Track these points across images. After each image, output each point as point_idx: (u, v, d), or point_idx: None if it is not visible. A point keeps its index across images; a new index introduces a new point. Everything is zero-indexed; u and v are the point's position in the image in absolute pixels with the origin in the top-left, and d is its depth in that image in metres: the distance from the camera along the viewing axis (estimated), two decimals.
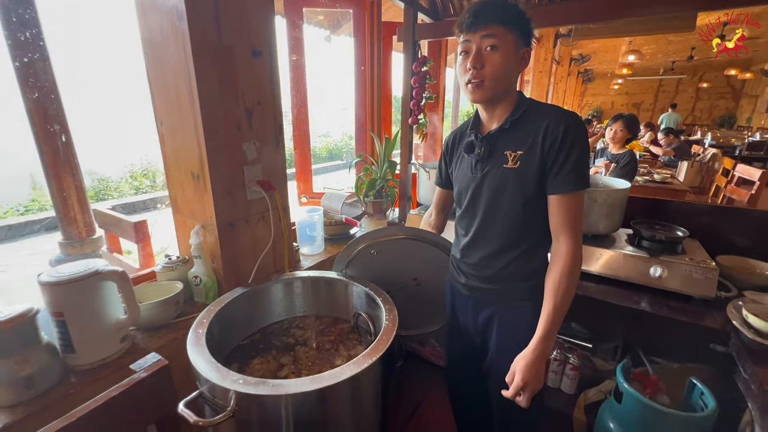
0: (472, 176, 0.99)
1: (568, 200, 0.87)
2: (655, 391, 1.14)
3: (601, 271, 1.37)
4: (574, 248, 0.88)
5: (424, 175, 1.84)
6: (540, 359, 0.87)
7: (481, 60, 0.88)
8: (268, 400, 0.74)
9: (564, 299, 0.87)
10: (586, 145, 0.87)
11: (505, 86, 0.91)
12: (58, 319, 0.84)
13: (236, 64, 1.09)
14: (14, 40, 1.08)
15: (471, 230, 1.03)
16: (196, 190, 1.13)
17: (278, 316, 1.25)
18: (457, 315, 1.14)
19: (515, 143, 0.92)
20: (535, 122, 0.89)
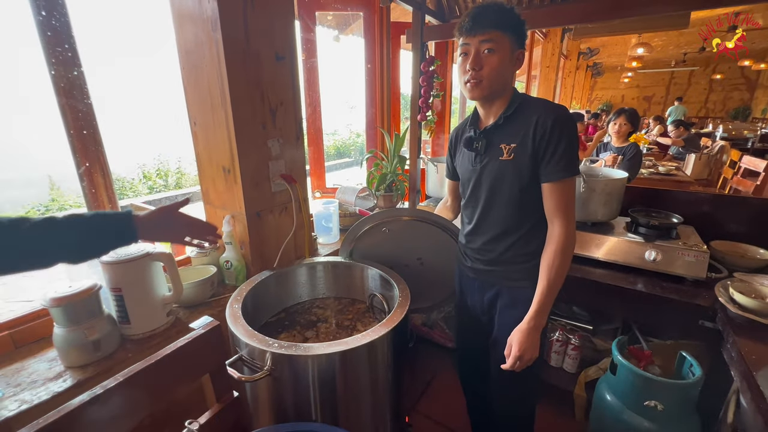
0: (473, 168, 1.08)
1: (560, 187, 0.96)
2: (648, 364, 1.23)
3: (601, 256, 1.46)
4: (567, 229, 0.96)
5: (432, 168, 1.94)
6: (534, 331, 0.96)
7: (480, 62, 0.96)
8: (298, 360, 0.86)
9: (557, 276, 0.96)
10: (574, 136, 0.95)
11: (501, 85, 0.99)
12: (116, 294, 0.97)
13: (262, 68, 1.21)
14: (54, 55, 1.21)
15: (474, 218, 1.12)
16: (227, 183, 1.25)
17: (301, 297, 1.37)
18: (465, 296, 1.23)
19: (509, 137, 1.00)
20: (526, 117, 0.97)
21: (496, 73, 0.96)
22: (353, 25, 3.53)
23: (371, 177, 2.29)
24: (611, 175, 1.59)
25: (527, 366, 0.98)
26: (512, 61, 0.98)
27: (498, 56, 0.95)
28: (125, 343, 1.00)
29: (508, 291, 1.10)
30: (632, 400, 1.14)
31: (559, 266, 0.95)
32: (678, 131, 4.79)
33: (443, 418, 1.66)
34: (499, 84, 0.98)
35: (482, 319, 1.19)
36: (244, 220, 1.26)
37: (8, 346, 0.97)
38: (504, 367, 0.98)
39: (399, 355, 1.07)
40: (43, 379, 0.87)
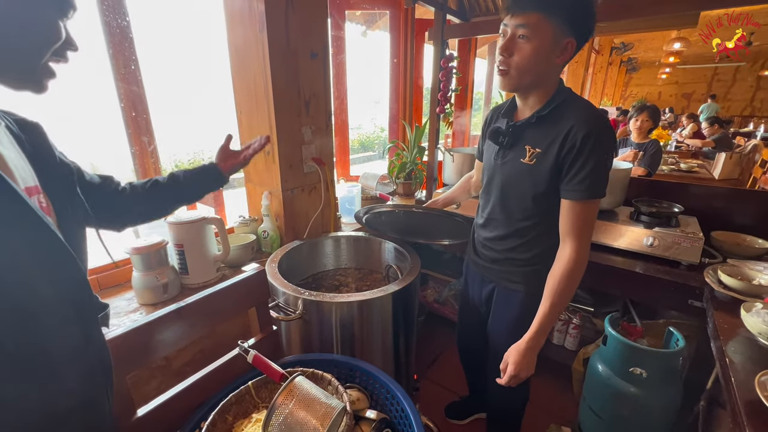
0: (493, 162, 1.04)
1: (578, 207, 0.88)
2: (638, 338, 1.34)
3: (603, 241, 1.57)
4: (578, 253, 0.89)
5: (449, 158, 2.08)
6: (531, 351, 0.94)
7: (511, 48, 0.85)
8: (324, 305, 1.05)
9: (561, 299, 0.91)
10: (607, 155, 0.86)
11: (532, 79, 0.88)
12: (179, 249, 1.20)
13: (299, 64, 1.39)
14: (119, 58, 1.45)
15: (485, 211, 1.11)
16: (266, 163, 1.46)
17: (325, 266, 1.57)
18: (468, 285, 1.29)
19: (536, 139, 0.93)
20: (561, 121, 0.88)
21: (526, 64, 0.85)
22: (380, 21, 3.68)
23: (392, 165, 2.45)
24: (615, 166, 1.68)
25: None
26: (555, 51, 0.85)
27: (533, 44, 0.83)
28: (184, 290, 1.22)
29: (503, 291, 1.12)
30: (619, 367, 1.26)
31: (564, 290, 0.91)
32: (712, 129, 4.65)
33: (450, 383, 1.82)
34: (530, 77, 0.88)
35: (480, 309, 1.25)
36: (280, 196, 1.46)
37: (95, 288, 1.21)
38: (499, 382, 0.98)
39: (408, 315, 1.24)
40: (125, 311, 1.11)
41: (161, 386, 1.15)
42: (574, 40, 0.86)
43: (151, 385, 1.13)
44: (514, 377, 0.95)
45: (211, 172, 0.97)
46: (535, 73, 0.88)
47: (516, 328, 1.04)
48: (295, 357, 0.96)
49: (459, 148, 2.30)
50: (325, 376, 0.83)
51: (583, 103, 0.91)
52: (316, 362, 0.94)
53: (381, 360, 1.21)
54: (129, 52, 1.42)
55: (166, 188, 0.89)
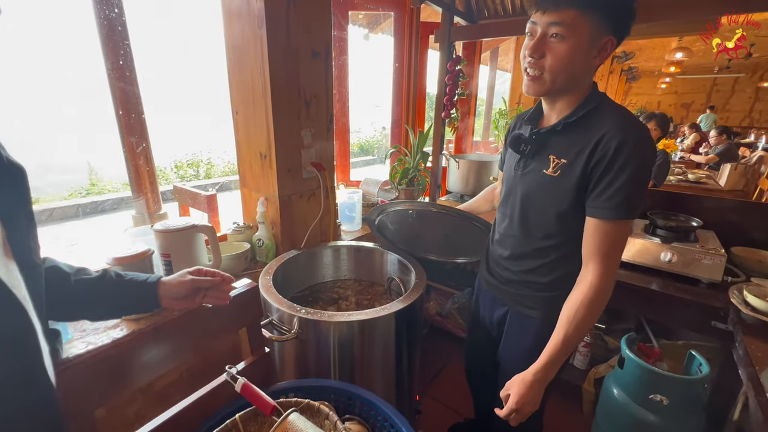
0: (513, 173, 0.95)
1: (606, 227, 0.78)
2: (657, 360, 1.26)
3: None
4: (603, 279, 0.79)
5: (454, 165, 2.00)
6: (538, 384, 0.83)
7: (542, 48, 0.77)
8: (322, 325, 0.96)
9: (577, 330, 0.80)
10: (645, 169, 0.76)
11: (566, 81, 0.80)
12: (165, 259, 1.10)
13: (299, 63, 1.31)
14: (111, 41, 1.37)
15: (501, 226, 1.01)
16: (263, 168, 1.37)
17: (324, 277, 1.48)
18: (479, 305, 1.18)
19: (562, 149, 0.83)
20: (592, 130, 0.78)
21: (561, 66, 0.76)
22: (383, 23, 3.63)
23: (394, 171, 2.37)
24: None
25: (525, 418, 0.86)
26: (591, 51, 0.76)
27: (568, 45, 0.75)
28: None
29: (516, 316, 1.02)
30: (638, 393, 1.18)
31: (582, 320, 0.80)
32: (719, 138, 4.60)
33: (452, 402, 1.72)
34: (564, 79, 0.79)
35: (491, 332, 1.15)
36: (277, 203, 1.37)
37: None
38: (498, 414, 0.87)
39: (412, 335, 1.15)
40: (103, 327, 1.01)
41: (141, 411, 1.05)
42: (614, 38, 0.76)
43: (132, 408, 1.04)
44: (515, 411, 0.84)
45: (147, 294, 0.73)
46: (569, 76, 0.79)
47: (529, 358, 0.94)
48: (289, 383, 0.87)
49: (465, 155, 2.22)
50: (322, 409, 0.74)
51: (618, 109, 0.81)
52: (312, 389, 0.85)
53: (382, 383, 1.12)
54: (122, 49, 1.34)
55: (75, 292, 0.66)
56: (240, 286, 0.83)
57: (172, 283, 0.74)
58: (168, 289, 0.73)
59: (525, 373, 0.85)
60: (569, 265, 0.90)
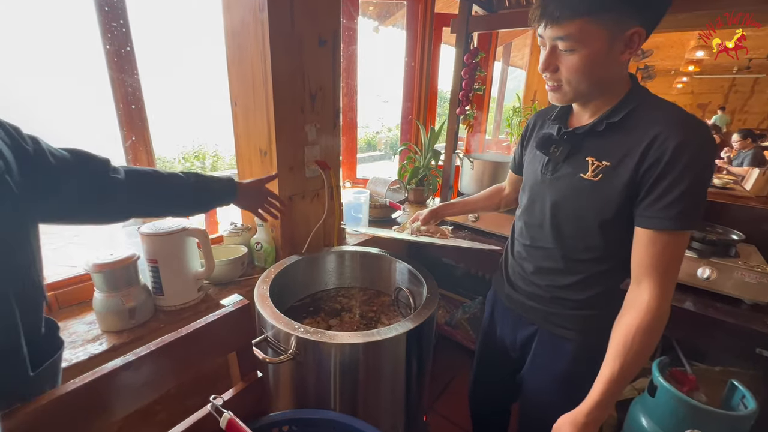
0: (541, 177, 0.84)
1: (664, 239, 0.67)
2: (691, 389, 1.13)
3: None
4: (660, 300, 0.68)
5: (468, 165, 1.88)
6: (594, 425, 0.70)
7: (553, 63, 0.71)
8: (323, 346, 0.85)
9: (636, 359, 0.68)
10: (707, 173, 0.66)
11: (591, 87, 0.72)
12: (152, 265, 1.00)
13: (304, 51, 1.20)
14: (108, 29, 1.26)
15: (526, 239, 0.90)
16: (263, 165, 1.26)
17: (327, 285, 1.37)
18: (495, 323, 1.06)
19: (603, 150, 0.74)
20: (641, 129, 0.69)
21: (579, 77, 0.70)
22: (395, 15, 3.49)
23: (403, 170, 2.26)
24: None
25: None
26: (614, 51, 0.67)
27: (581, 55, 0.67)
28: (158, 314, 1.03)
29: (547, 336, 0.90)
30: (671, 427, 1.06)
31: (640, 349, 0.68)
32: (744, 143, 4.39)
33: (461, 419, 1.62)
34: (588, 87, 0.71)
35: (511, 354, 1.02)
36: None
37: (52, 307, 1.02)
38: None
39: (423, 357, 1.04)
40: (81, 340, 0.92)
41: (124, 428, 0.96)
42: (641, 29, 0.65)
43: (113, 427, 0.94)
44: None
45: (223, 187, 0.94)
46: (593, 83, 0.71)
47: (563, 387, 0.85)
48: (283, 415, 0.77)
49: (479, 154, 2.10)
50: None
51: (670, 107, 0.70)
52: (310, 422, 0.75)
53: (389, 409, 1.01)
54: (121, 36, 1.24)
55: (165, 186, 0.82)
56: (229, 302, 0.72)
57: (244, 183, 1.01)
58: (242, 187, 0.99)
59: (576, 413, 0.71)
60: (609, 280, 0.81)
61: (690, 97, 13.56)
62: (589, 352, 0.79)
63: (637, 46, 0.67)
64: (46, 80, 4.73)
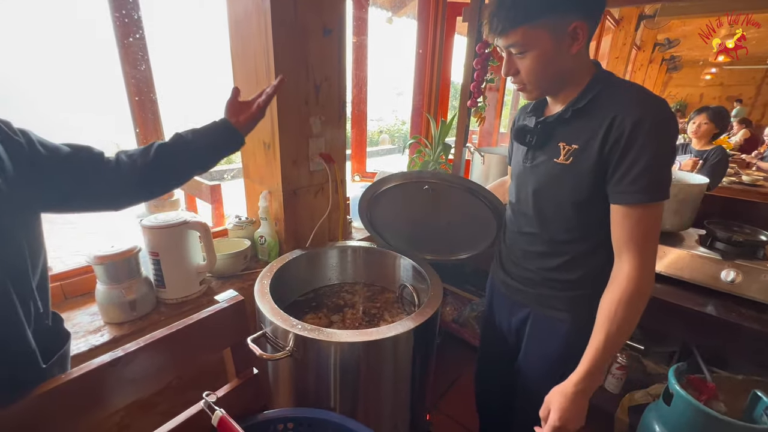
0: (522, 166, 0.89)
1: (637, 213, 0.70)
2: (710, 398, 1.07)
3: (663, 270, 1.29)
4: (640, 270, 0.71)
5: (479, 159, 1.82)
6: (582, 396, 0.74)
7: (512, 67, 0.77)
8: (320, 344, 0.83)
9: (620, 331, 0.72)
10: (667, 145, 0.69)
11: (552, 82, 0.78)
12: (154, 258, 1.00)
13: (308, 41, 1.17)
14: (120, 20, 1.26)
15: (515, 224, 0.95)
16: (266, 158, 1.24)
17: (330, 280, 1.35)
18: (494, 310, 1.09)
19: (572, 135, 0.78)
20: (603, 111, 0.72)
21: (536, 75, 0.76)
22: (409, 5, 3.41)
23: (412, 164, 2.21)
24: (687, 180, 1.39)
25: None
26: (562, 47, 0.72)
27: (533, 55, 0.73)
28: (160, 306, 1.03)
29: (540, 319, 0.93)
30: None
31: (624, 319, 0.71)
32: None
33: (466, 419, 1.59)
34: (549, 82, 0.78)
35: (508, 340, 1.04)
36: (281, 197, 1.25)
37: (58, 297, 1.04)
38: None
39: (426, 352, 1.01)
40: (84, 331, 0.92)
41: (125, 420, 0.97)
42: (581, 22, 0.70)
43: (113, 418, 0.95)
44: (559, 429, 0.74)
45: (223, 128, 0.86)
46: (552, 78, 0.77)
47: (556, 366, 0.86)
48: (280, 412, 0.75)
49: (490, 148, 2.03)
50: None
51: (630, 87, 0.74)
52: (305, 421, 0.73)
53: (389, 408, 0.99)
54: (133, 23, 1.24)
55: (174, 153, 0.79)
56: (223, 298, 0.71)
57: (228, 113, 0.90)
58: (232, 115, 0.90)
59: (564, 385, 0.76)
60: (596, 259, 0.83)
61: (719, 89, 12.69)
62: (581, 332, 0.79)
63: (584, 38, 0.72)
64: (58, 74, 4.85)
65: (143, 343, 0.58)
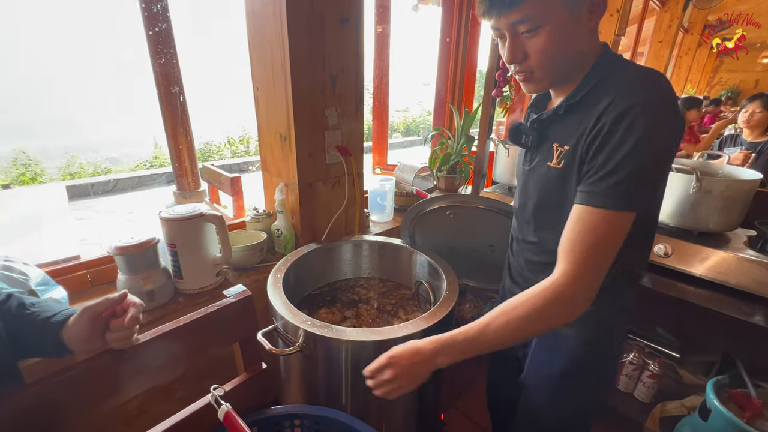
0: (522, 169, 0.81)
1: (592, 218, 0.59)
2: (755, 416, 0.98)
3: (704, 274, 1.18)
4: (570, 280, 0.60)
5: (503, 152, 1.74)
6: (430, 358, 0.66)
7: (520, 50, 0.63)
8: (330, 342, 0.82)
9: (506, 327, 0.63)
10: (652, 142, 0.55)
11: (567, 65, 0.65)
12: (171, 249, 1.02)
13: (325, 30, 1.14)
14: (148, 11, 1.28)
15: (518, 232, 0.87)
16: (283, 151, 1.24)
17: (345, 275, 1.34)
18: None
19: (564, 134, 0.68)
20: (597, 104, 0.61)
21: (551, 57, 0.63)
22: None
23: (434, 156, 2.15)
24: (737, 176, 1.26)
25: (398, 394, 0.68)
26: (581, 19, 0.62)
27: (546, 32, 0.61)
28: (177, 296, 1.06)
29: (545, 335, 0.83)
30: None
31: (519, 319, 0.62)
32: None
33: (483, 419, 1.55)
34: (564, 64, 0.65)
35: (517, 352, 0.98)
36: (297, 190, 1.24)
37: (85, 284, 1.08)
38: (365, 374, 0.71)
39: None
40: None
41: (144, 404, 1.01)
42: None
43: (133, 403, 0.99)
44: (388, 382, 0.67)
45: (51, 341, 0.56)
46: (568, 57, 0.64)
47: (559, 384, 0.81)
48: (288, 409, 0.75)
49: None
50: None
51: (631, 70, 0.62)
52: (314, 419, 0.72)
53: (402, 407, 0.97)
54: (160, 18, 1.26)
55: None
56: (232, 293, 0.71)
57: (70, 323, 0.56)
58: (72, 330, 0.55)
59: (420, 342, 0.69)
60: None
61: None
62: (587, 347, 0.74)
63: (604, 7, 0.62)
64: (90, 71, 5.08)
65: (149, 336, 0.59)
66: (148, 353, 0.59)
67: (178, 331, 0.61)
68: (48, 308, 0.58)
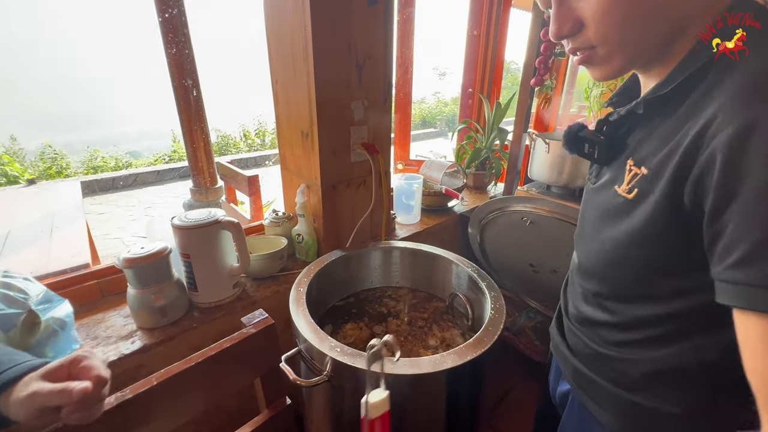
0: (587, 185, 0.62)
1: (749, 325, 0.35)
2: None
3: None
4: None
5: (542, 147, 1.58)
6: None
7: (571, 15, 0.44)
8: (362, 373, 0.71)
9: None
10: None
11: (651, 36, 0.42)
12: (185, 260, 0.93)
13: (351, 13, 1.01)
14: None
15: (574, 266, 0.66)
16: (304, 149, 1.13)
17: (372, 284, 1.23)
18: (551, 363, 0.83)
19: (646, 147, 0.46)
20: (698, 108, 0.39)
21: (619, 23, 0.41)
22: None
23: (462, 151, 2.01)
24: None
25: None
26: None
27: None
28: (192, 311, 0.97)
29: (578, 407, 0.66)
30: None
31: None
32: None
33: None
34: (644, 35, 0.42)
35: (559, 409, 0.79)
36: (319, 192, 1.13)
37: (96, 295, 1.01)
38: None
39: (479, 382, 0.86)
40: (116, 336, 0.87)
41: None
42: None
43: None
44: None
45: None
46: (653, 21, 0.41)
47: None
48: None
49: (553, 134, 1.77)
50: None
51: (755, 60, 0.36)
52: None
53: None
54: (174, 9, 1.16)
55: None
56: (251, 321, 0.60)
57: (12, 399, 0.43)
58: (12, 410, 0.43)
59: None
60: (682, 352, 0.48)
61: None
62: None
63: None
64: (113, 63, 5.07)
65: (155, 382, 0.49)
66: (154, 402, 0.49)
67: (189, 372, 0.51)
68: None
